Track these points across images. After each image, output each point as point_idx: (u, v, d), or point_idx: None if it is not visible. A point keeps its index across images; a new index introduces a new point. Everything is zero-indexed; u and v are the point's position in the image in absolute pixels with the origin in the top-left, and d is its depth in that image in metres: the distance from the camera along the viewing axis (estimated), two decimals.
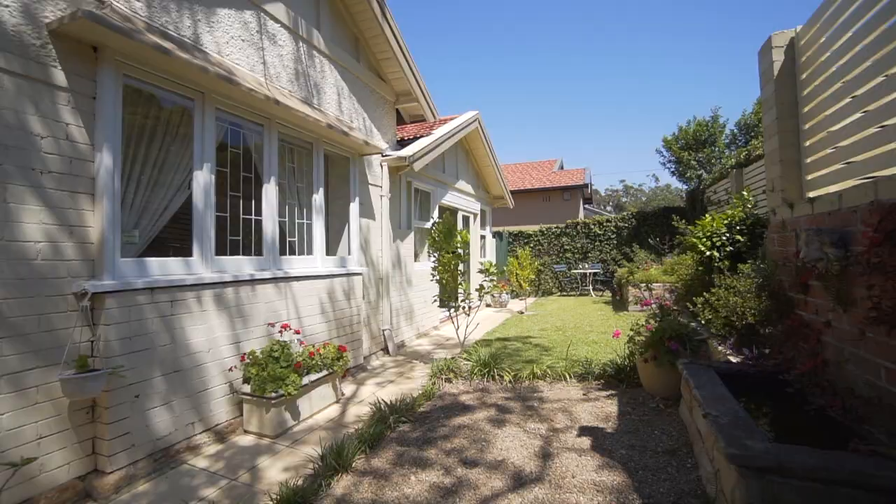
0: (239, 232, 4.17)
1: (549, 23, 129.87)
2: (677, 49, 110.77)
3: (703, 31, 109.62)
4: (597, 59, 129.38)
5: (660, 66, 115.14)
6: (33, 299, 2.48)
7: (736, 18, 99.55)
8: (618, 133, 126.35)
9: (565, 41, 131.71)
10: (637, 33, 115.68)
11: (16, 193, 2.42)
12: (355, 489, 2.64)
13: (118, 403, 2.79)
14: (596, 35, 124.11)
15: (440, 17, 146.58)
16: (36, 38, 2.55)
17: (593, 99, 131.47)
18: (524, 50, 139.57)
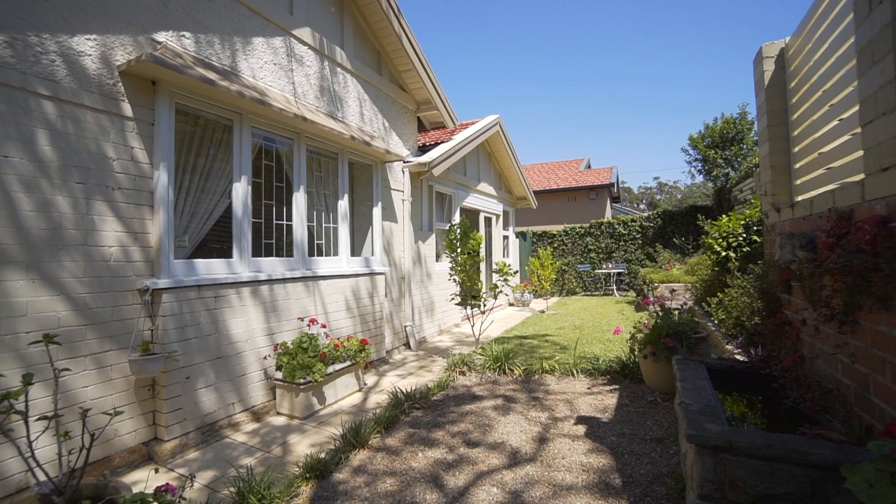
0: (272, 235, 4.66)
1: (592, 21, 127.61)
2: (708, 43, 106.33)
3: (740, 22, 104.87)
4: (633, 58, 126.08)
5: (695, 61, 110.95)
6: (108, 294, 3.01)
7: (772, 12, 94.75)
8: (653, 130, 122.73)
9: (606, 39, 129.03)
10: (681, 28, 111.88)
11: (96, 207, 2.95)
12: (369, 462, 3.03)
13: (173, 383, 3.29)
14: (635, 32, 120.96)
15: (472, 13, 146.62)
16: (110, 79, 3.07)
17: (627, 96, 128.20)
18: (565, 49, 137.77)
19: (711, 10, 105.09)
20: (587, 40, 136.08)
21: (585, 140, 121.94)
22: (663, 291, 8.92)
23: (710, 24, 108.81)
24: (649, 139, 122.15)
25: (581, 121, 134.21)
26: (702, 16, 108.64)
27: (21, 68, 2.63)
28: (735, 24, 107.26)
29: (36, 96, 2.69)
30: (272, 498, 2.49)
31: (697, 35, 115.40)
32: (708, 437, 2.08)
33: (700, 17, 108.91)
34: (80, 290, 2.87)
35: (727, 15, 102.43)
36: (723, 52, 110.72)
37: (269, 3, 4.50)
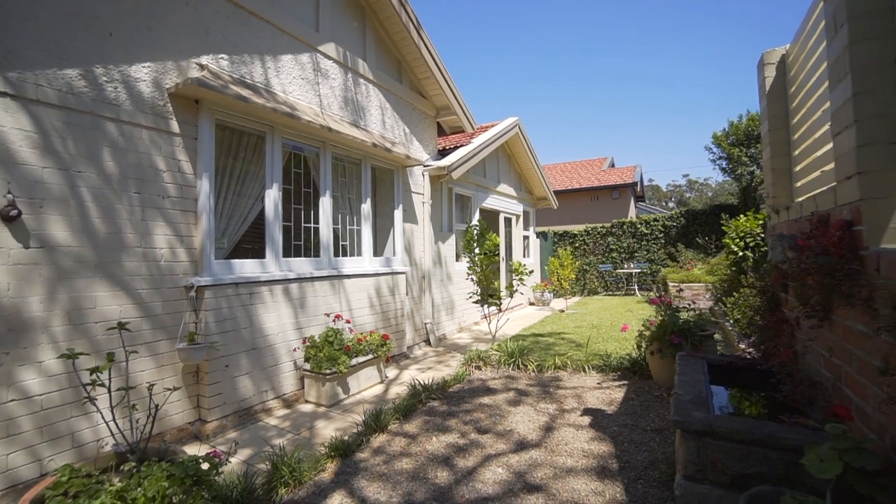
0: (301, 237, 5.04)
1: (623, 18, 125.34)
2: (742, 39, 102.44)
3: (765, 20, 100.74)
4: (666, 60, 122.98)
5: (728, 57, 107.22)
6: (160, 290, 3.42)
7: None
8: (682, 128, 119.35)
9: (640, 41, 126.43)
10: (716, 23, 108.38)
11: (150, 214, 3.36)
12: (388, 444, 3.33)
13: (214, 370, 3.68)
14: (672, 28, 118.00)
15: (497, 13, 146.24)
16: (161, 100, 3.48)
17: (655, 93, 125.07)
18: (598, 50, 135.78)
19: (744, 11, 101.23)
20: (623, 42, 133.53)
21: (612, 139, 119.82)
22: (683, 291, 8.89)
23: (749, 28, 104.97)
24: (678, 136, 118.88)
25: (608, 120, 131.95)
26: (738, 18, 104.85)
27: (91, 95, 3.05)
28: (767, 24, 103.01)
29: (102, 119, 3.11)
30: (302, 471, 2.81)
31: (732, 36, 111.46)
32: (692, 423, 2.28)
33: (737, 20, 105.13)
34: (137, 286, 3.28)
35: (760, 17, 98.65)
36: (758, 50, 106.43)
37: (296, 21, 4.87)
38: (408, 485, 2.72)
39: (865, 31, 1.77)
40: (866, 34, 1.77)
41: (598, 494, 2.53)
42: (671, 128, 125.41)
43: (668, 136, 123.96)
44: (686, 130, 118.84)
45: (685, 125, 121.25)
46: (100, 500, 1.62)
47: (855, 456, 1.60)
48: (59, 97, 2.89)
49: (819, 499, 1.65)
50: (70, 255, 2.92)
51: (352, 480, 2.80)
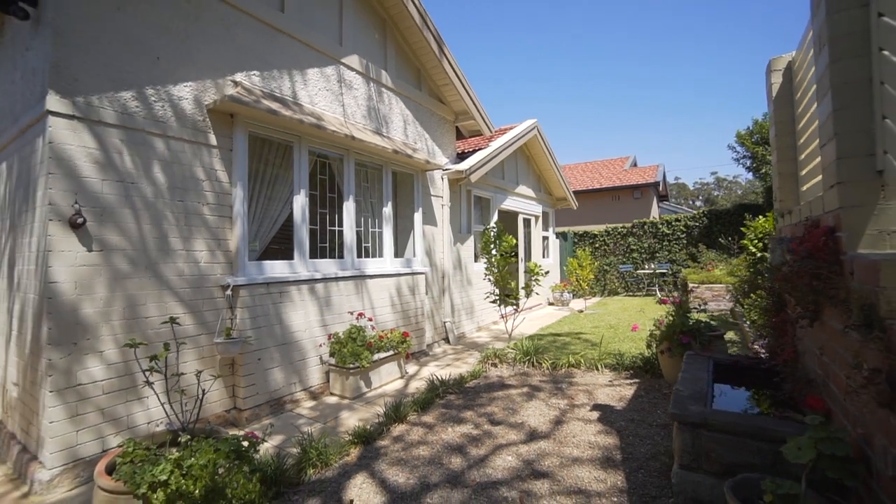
0: (326, 239, 5.34)
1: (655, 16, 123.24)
2: (771, 36, 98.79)
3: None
4: (702, 51, 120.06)
5: (757, 53, 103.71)
6: (200, 289, 3.76)
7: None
8: (710, 125, 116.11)
9: (671, 36, 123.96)
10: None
11: (192, 220, 3.71)
12: (407, 433, 3.58)
13: (248, 363, 4.01)
14: (703, 24, 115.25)
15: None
16: (200, 117, 3.83)
17: (683, 89, 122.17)
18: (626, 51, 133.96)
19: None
20: (659, 42, 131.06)
21: (637, 137, 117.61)
22: (703, 292, 8.85)
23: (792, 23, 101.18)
24: (705, 133, 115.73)
25: (634, 119, 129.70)
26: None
27: (142, 114, 3.41)
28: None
29: (152, 135, 3.47)
30: (328, 455, 3.09)
31: (772, 31, 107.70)
32: (687, 416, 2.44)
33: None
34: (181, 286, 3.63)
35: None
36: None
37: (321, 37, 5.18)
38: (424, 469, 2.96)
39: (845, 51, 1.90)
40: (846, 54, 1.90)
41: (600, 482, 2.71)
42: (698, 125, 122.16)
43: (696, 133, 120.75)
44: (713, 128, 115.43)
45: (713, 122, 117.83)
46: (161, 467, 1.91)
47: (828, 444, 1.75)
48: (117, 117, 3.25)
49: (796, 483, 1.80)
50: (125, 257, 3.28)
51: (373, 464, 3.06)
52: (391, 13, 6.19)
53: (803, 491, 1.76)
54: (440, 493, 2.65)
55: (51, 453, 2.83)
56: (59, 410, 2.88)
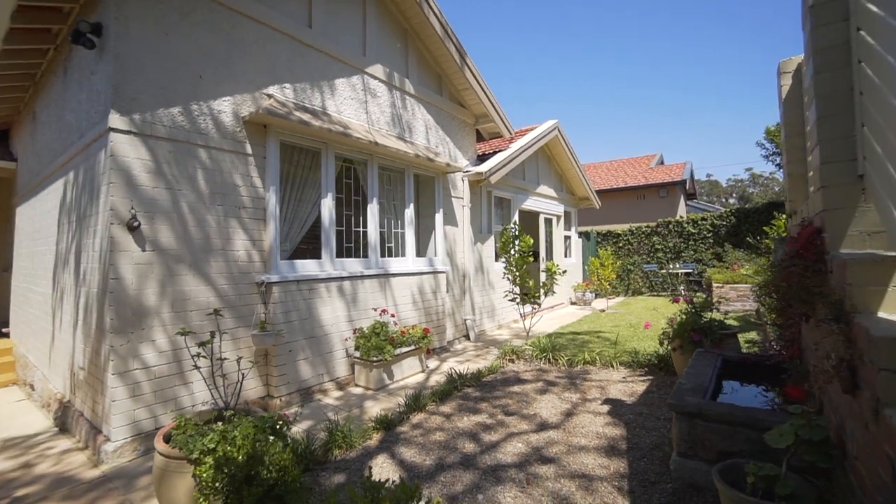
0: (352, 240, 5.66)
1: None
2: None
3: None
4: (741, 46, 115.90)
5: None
6: (238, 285, 4.13)
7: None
8: (746, 118, 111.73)
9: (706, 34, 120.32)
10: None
11: (231, 222, 4.08)
12: (425, 420, 3.83)
13: (280, 354, 4.35)
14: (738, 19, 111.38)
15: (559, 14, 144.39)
16: (237, 128, 4.20)
17: (713, 85, 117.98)
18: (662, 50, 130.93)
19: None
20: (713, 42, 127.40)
21: (667, 134, 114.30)
22: (728, 292, 8.74)
23: None
24: (740, 128, 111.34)
25: (659, 114, 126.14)
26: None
27: (188, 128, 3.79)
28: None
29: (196, 146, 3.85)
30: (352, 438, 3.37)
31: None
32: (684, 406, 2.59)
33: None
34: (221, 282, 4.00)
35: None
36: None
37: (347, 49, 5.50)
38: (439, 452, 3.20)
39: (828, 63, 2.02)
40: (828, 66, 2.02)
41: (603, 468, 2.89)
42: (730, 120, 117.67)
43: (727, 128, 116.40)
44: (747, 122, 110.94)
45: (746, 116, 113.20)
46: (209, 437, 2.22)
47: (807, 430, 1.89)
48: (167, 131, 3.64)
49: (777, 466, 1.95)
50: (173, 256, 3.67)
51: (393, 447, 3.32)
52: (412, 23, 6.47)
53: (784, 473, 1.90)
54: (453, 473, 2.89)
55: (114, 428, 3.22)
56: (121, 391, 3.28)
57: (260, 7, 4.45)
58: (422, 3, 6.18)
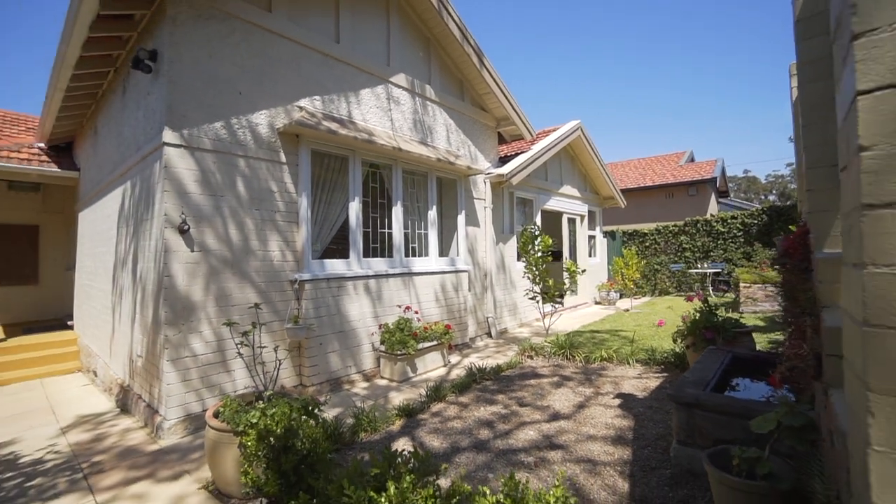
0: (377, 240, 6.00)
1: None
2: None
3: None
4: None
5: None
6: (274, 283, 4.52)
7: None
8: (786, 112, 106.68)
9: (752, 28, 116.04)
10: None
11: (267, 226, 4.47)
12: (444, 410, 4.10)
13: (311, 346, 4.72)
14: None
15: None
16: (272, 138, 4.59)
17: (757, 79, 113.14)
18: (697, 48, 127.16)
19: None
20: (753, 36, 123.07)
21: (701, 129, 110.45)
22: (755, 292, 8.59)
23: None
24: (778, 123, 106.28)
25: (690, 109, 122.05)
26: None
27: (229, 140, 4.20)
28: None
29: (236, 157, 4.25)
30: (377, 423, 3.68)
31: None
32: (683, 397, 2.75)
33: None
34: (258, 280, 4.40)
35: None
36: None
37: (371, 60, 5.83)
38: (456, 437, 3.46)
39: (812, 75, 2.16)
40: (812, 78, 2.16)
41: (608, 454, 3.07)
42: (770, 114, 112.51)
43: (767, 123, 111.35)
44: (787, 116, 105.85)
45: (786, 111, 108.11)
46: (252, 413, 2.56)
47: (788, 417, 2.05)
48: (211, 144, 4.06)
49: (760, 450, 2.11)
50: (217, 257, 4.08)
51: (413, 431, 3.61)
52: (434, 32, 6.75)
53: (766, 455, 2.06)
54: (467, 455, 3.15)
55: (169, 408, 3.65)
56: (174, 376, 3.70)
57: (291, 26, 4.84)
58: (441, 11, 6.45)
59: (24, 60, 60.12)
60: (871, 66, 0.82)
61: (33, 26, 60.55)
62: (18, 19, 56.07)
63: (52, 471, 3.16)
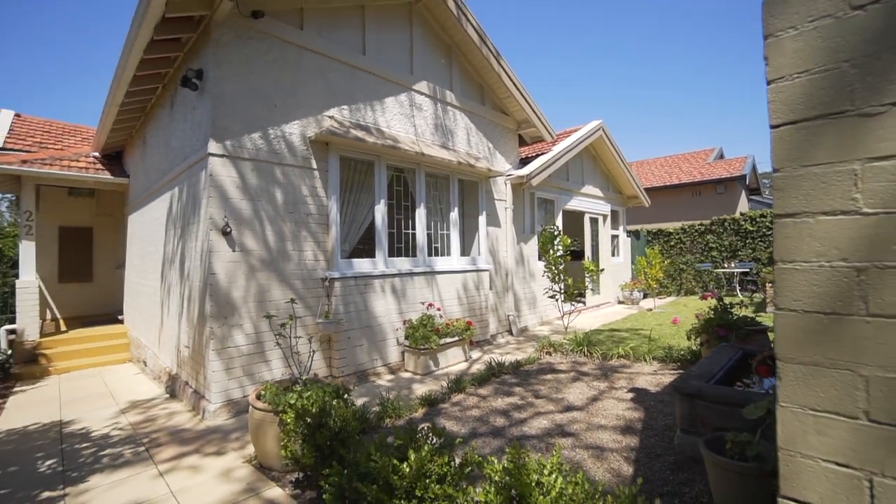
0: (401, 241, 6.30)
1: None
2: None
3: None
4: None
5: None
6: (306, 281, 4.88)
7: None
8: None
9: None
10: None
11: (301, 229, 4.84)
12: (464, 400, 4.35)
13: (341, 340, 5.06)
14: None
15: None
16: (304, 147, 4.95)
17: None
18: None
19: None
20: None
21: (731, 124, 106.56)
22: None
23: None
24: None
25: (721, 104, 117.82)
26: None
27: (266, 150, 4.58)
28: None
29: (272, 165, 4.63)
30: (401, 410, 3.97)
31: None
32: (686, 388, 2.92)
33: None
34: (292, 278, 4.77)
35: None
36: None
37: (395, 70, 6.14)
38: (473, 424, 3.72)
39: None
40: None
41: (616, 442, 3.26)
42: None
43: None
44: None
45: None
46: (290, 395, 2.89)
47: (776, 404, 2.21)
48: (250, 153, 4.44)
49: (751, 435, 2.27)
50: (255, 256, 4.46)
51: (434, 418, 3.88)
52: (455, 39, 7.00)
53: (756, 439, 2.23)
54: (483, 439, 3.39)
55: (213, 393, 4.05)
56: (218, 364, 4.10)
57: (321, 41, 5.19)
58: (460, 18, 6.69)
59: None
60: (778, 107, 1.01)
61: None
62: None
63: (118, 443, 3.59)
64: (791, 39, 1.01)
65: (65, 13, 61.80)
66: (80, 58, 69.80)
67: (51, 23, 65.50)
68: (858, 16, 0.92)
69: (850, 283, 0.95)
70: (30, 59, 58.48)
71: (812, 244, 0.98)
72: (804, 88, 0.99)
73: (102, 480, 3.00)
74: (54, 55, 62.36)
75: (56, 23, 62.09)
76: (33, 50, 59.69)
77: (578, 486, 1.65)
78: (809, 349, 1.01)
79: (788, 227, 1.01)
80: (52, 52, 60.42)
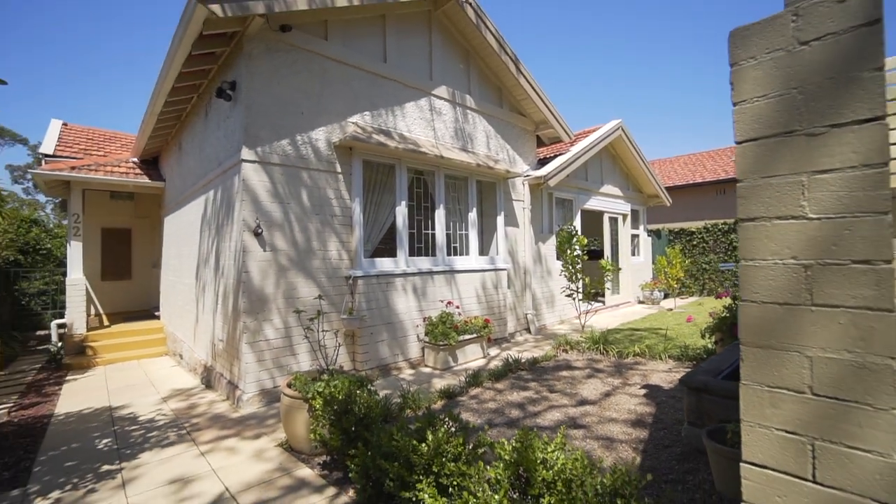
0: (422, 241, 6.53)
1: None
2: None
3: None
4: None
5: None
6: (331, 279, 5.16)
7: None
8: None
9: None
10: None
11: (326, 229, 5.12)
12: (481, 394, 4.54)
13: (364, 335, 5.31)
14: None
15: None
16: (329, 151, 5.23)
17: None
18: None
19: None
20: None
21: None
22: None
23: None
24: None
25: None
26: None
27: (294, 155, 4.87)
28: None
29: (300, 169, 4.92)
30: (420, 401, 4.19)
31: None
32: (693, 382, 3.04)
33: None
34: (318, 276, 5.05)
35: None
36: None
37: (415, 76, 6.36)
38: (489, 415, 3.90)
39: None
40: None
41: (626, 434, 3.39)
42: None
43: None
44: None
45: None
46: (318, 384, 3.14)
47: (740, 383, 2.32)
48: (279, 159, 4.74)
49: None
50: (285, 256, 4.76)
51: (452, 410, 4.06)
52: (473, 44, 7.18)
53: None
54: (499, 430, 3.58)
55: (247, 383, 4.36)
56: (251, 356, 4.41)
57: (345, 51, 5.46)
58: (479, 25, 6.87)
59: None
60: (742, 126, 1.16)
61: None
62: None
63: (162, 427, 3.93)
64: (752, 68, 1.16)
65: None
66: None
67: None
68: (804, 50, 1.07)
69: (798, 278, 1.10)
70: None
71: (769, 244, 1.14)
72: (763, 110, 1.14)
73: (152, 458, 3.32)
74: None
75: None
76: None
77: (578, 461, 1.83)
78: (766, 334, 1.16)
79: (750, 229, 1.17)
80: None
